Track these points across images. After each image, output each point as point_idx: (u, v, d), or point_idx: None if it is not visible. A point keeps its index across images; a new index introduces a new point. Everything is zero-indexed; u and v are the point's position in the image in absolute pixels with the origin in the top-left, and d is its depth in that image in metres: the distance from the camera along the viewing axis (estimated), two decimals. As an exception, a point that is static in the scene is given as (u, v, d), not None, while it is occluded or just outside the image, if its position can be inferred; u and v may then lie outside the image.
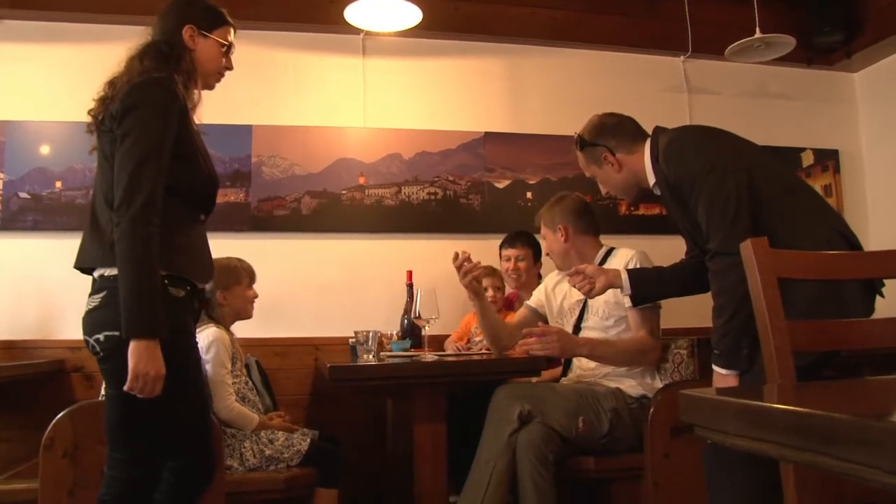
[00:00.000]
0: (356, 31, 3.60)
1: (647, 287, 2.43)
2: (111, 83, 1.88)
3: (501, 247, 3.36)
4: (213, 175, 1.99)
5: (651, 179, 2.23)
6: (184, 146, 1.85)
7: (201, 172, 1.92)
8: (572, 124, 3.63)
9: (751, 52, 3.58)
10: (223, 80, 2.12)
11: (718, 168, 1.98)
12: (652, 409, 2.47)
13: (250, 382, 2.81)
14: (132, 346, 1.67)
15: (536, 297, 2.97)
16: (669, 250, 2.71)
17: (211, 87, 2.08)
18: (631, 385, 2.63)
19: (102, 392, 2.71)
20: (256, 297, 2.90)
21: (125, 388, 1.68)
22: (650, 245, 2.96)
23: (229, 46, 2.05)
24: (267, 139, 3.57)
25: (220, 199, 3.44)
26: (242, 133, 3.53)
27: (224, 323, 2.76)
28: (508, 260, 3.31)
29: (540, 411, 2.46)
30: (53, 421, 2.14)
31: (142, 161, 1.73)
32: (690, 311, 3.43)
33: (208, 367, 2.58)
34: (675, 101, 4.07)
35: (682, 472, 2.44)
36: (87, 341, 1.79)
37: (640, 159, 2.25)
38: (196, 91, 2.00)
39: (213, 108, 3.46)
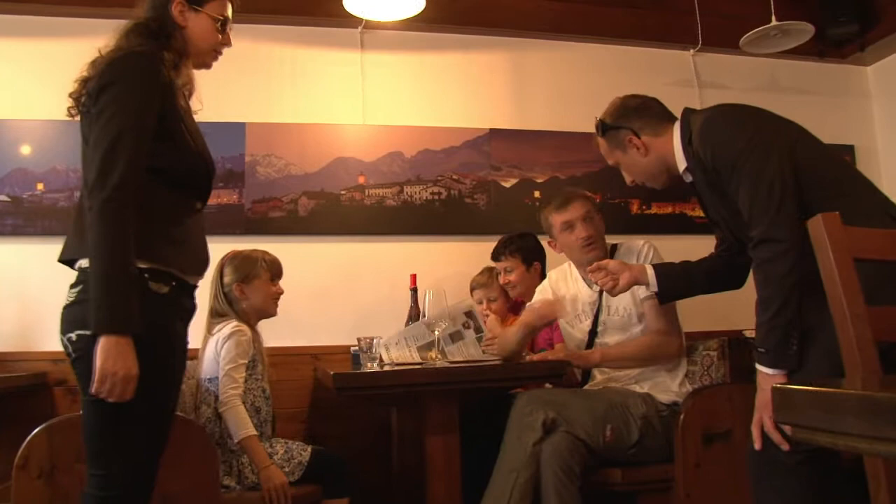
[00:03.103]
0: (354, 23, 3.45)
1: (675, 283, 2.26)
2: (94, 62, 1.73)
3: (491, 258, 3.19)
4: (207, 156, 1.81)
5: (681, 164, 2.06)
6: (170, 125, 1.68)
7: (191, 153, 1.75)
8: (579, 120, 3.53)
9: (766, 41, 3.43)
10: (214, 75, 1.95)
11: (761, 148, 1.80)
12: (682, 416, 2.31)
13: (267, 391, 2.60)
14: (100, 343, 1.49)
15: (540, 298, 2.77)
16: (684, 250, 2.56)
17: (208, 66, 1.91)
18: (662, 390, 2.46)
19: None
20: (281, 293, 2.72)
21: (91, 390, 1.50)
22: (664, 245, 2.80)
23: (225, 21, 1.87)
24: (261, 137, 3.39)
25: (212, 201, 3.23)
26: (235, 131, 3.34)
27: (246, 319, 2.57)
28: (500, 273, 3.15)
29: (565, 419, 2.28)
30: (28, 438, 1.94)
31: (116, 139, 1.57)
32: (718, 312, 3.28)
33: (220, 361, 2.41)
34: (685, 96, 3.91)
35: (715, 482, 2.29)
36: (61, 340, 1.63)
37: (668, 142, 2.08)
38: (187, 71, 1.83)
39: (203, 105, 3.32)
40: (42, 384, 2.99)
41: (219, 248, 2.77)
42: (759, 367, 1.79)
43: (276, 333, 3.22)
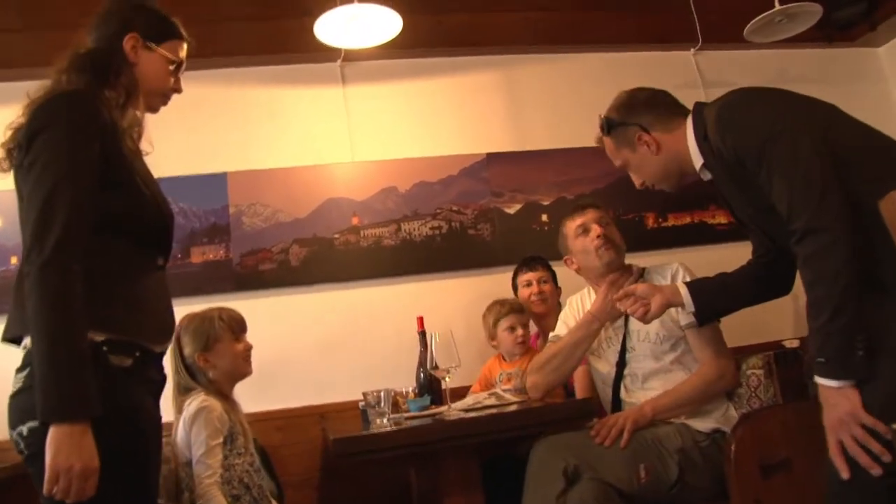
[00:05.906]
0: (333, 57, 3.28)
1: (714, 299, 2.01)
2: (26, 106, 1.51)
3: (518, 273, 3.05)
4: (163, 204, 1.60)
5: (697, 162, 1.82)
6: (116, 171, 1.47)
7: (144, 201, 1.53)
8: (581, 135, 3.29)
9: (772, 28, 3.21)
10: (188, 125, 1.75)
11: (790, 130, 1.56)
12: (733, 446, 2.03)
13: (256, 463, 2.33)
14: (50, 434, 1.26)
15: (564, 327, 2.52)
16: (708, 263, 2.33)
17: (155, 110, 1.71)
18: (699, 418, 2.18)
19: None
20: (249, 348, 2.41)
21: (44, 491, 1.26)
22: (686, 259, 2.55)
23: (179, 64, 1.69)
24: (244, 186, 3.21)
25: (197, 259, 3.09)
26: (216, 182, 3.17)
27: (217, 388, 2.31)
28: (529, 285, 2.99)
29: (589, 465, 2.00)
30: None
31: (52, 192, 1.35)
32: (762, 323, 3.02)
33: (191, 445, 2.15)
34: (691, 98, 3.52)
35: (780, 520, 2.00)
36: (11, 436, 1.39)
37: (681, 138, 1.84)
38: (136, 112, 1.64)
39: (181, 158, 3.10)
40: (23, 475, 2.73)
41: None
42: (819, 380, 1.51)
43: (278, 394, 3.03)
